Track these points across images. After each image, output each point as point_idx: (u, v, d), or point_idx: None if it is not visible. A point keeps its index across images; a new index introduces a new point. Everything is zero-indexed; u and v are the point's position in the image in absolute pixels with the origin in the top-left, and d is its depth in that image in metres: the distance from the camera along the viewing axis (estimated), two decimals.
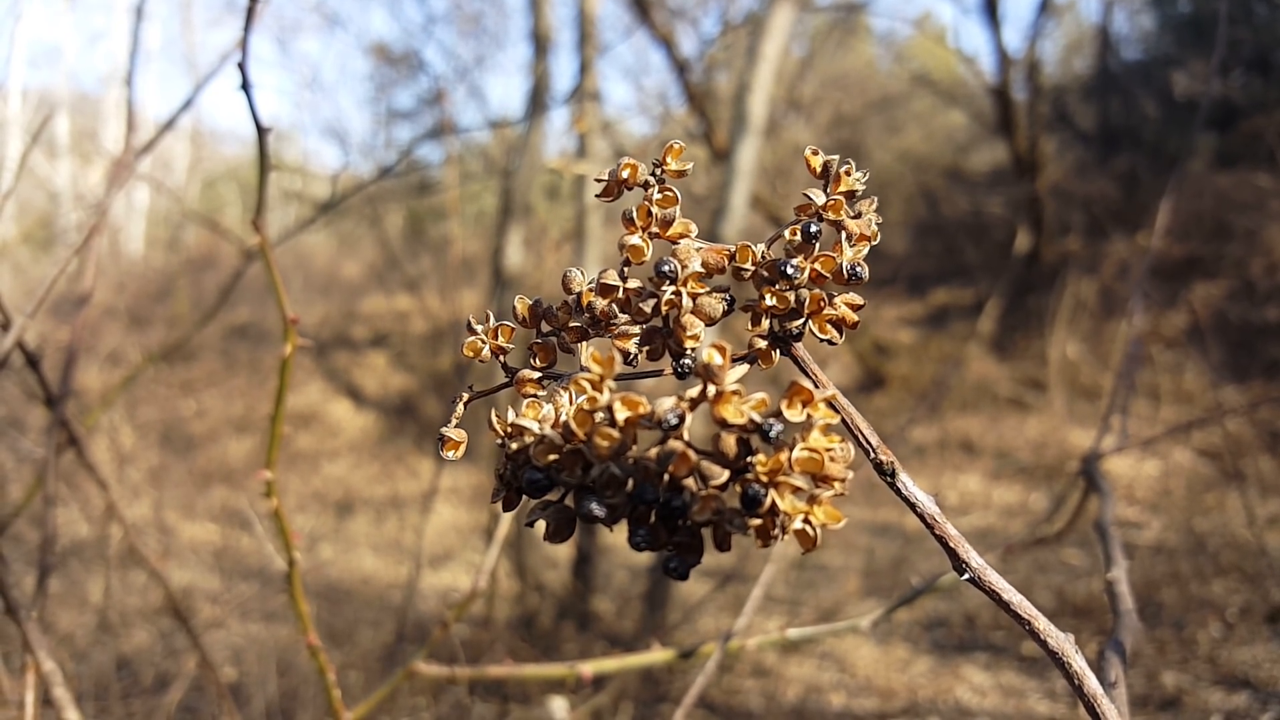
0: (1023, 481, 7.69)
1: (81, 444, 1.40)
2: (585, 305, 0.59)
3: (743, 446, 0.50)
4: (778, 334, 0.58)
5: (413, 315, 12.59)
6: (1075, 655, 0.56)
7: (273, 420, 1.27)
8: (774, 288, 0.57)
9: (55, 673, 0.86)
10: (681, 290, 0.57)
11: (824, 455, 0.50)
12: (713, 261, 0.58)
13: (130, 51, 1.47)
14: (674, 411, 0.49)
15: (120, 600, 4.96)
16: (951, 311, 11.57)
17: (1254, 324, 8.70)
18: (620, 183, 0.60)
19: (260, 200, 1.25)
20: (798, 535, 0.50)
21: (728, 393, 0.49)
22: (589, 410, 0.51)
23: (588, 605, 5.48)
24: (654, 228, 0.59)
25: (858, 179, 0.60)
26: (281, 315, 1.17)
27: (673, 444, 0.49)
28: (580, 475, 0.51)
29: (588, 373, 0.51)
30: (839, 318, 0.58)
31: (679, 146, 0.60)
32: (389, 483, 9.15)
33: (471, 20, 11.27)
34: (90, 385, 8.51)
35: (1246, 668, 4.22)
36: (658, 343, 0.58)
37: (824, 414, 0.50)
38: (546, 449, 0.51)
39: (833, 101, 12.40)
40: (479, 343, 0.61)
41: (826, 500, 0.50)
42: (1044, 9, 11.48)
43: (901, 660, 4.92)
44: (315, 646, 1.29)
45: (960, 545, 0.56)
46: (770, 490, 0.49)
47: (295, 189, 11.69)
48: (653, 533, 0.50)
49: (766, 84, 5.53)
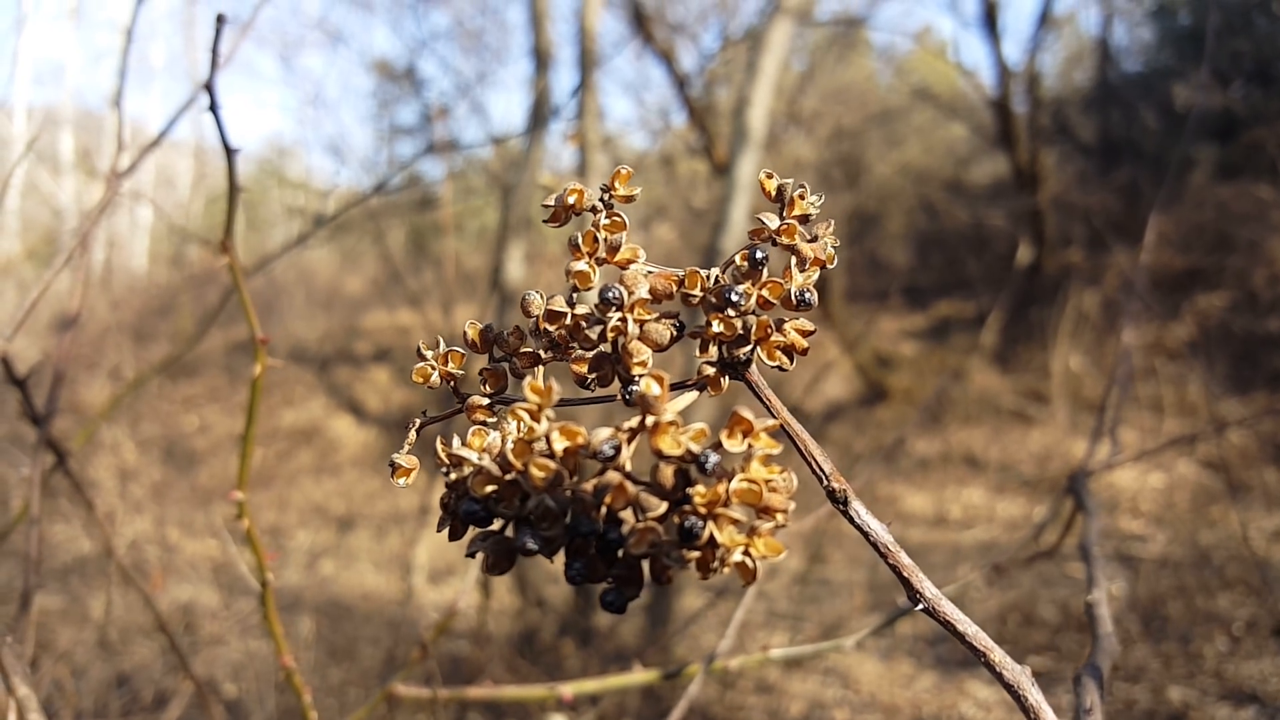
0: (1026, 495, 7.66)
1: (68, 463, 1.39)
2: (541, 330, 0.58)
3: (681, 478, 0.49)
4: (726, 360, 0.57)
5: (414, 330, 12.59)
6: (1031, 688, 0.56)
7: (243, 440, 1.26)
8: (721, 314, 0.56)
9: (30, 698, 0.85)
10: (628, 316, 0.56)
11: (764, 486, 0.49)
12: (661, 287, 0.58)
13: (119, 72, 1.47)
14: (610, 442, 0.48)
15: (120, 617, 4.94)
16: (953, 324, 11.56)
17: (1256, 335, 8.68)
18: (567, 208, 0.60)
19: (229, 221, 1.24)
20: (737, 568, 0.49)
21: (664, 423, 0.48)
22: (527, 440, 0.50)
23: (589, 621, 5.46)
24: (601, 253, 0.58)
25: (812, 202, 0.59)
26: (251, 336, 1.16)
27: (610, 475, 0.49)
28: (518, 506, 0.50)
29: (527, 402, 0.51)
30: (788, 344, 0.57)
31: (627, 172, 0.59)
32: (390, 498, 9.14)
33: (473, 37, 11.31)
34: (93, 401, 8.52)
35: (1253, 682, 4.19)
36: (606, 369, 0.58)
37: (765, 444, 0.49)
38: (484, 480, 0.50)
39: (833, 115, 12.42)
40: (428, 369, 0.61)
41: (766, 532, 0.49)
42: (1044, 22, 11.51)
43: (905, 676, 4.89)
44: (290, 669, 1.28)
45: (914, 575, 0.55)
46: (709, 522, 0.48)
47: (297, 205, 11.71)
48: (590, 565, 0.50)
49: (766, 98, 5.54)
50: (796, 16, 5.96)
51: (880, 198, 13.41)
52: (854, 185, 12.48)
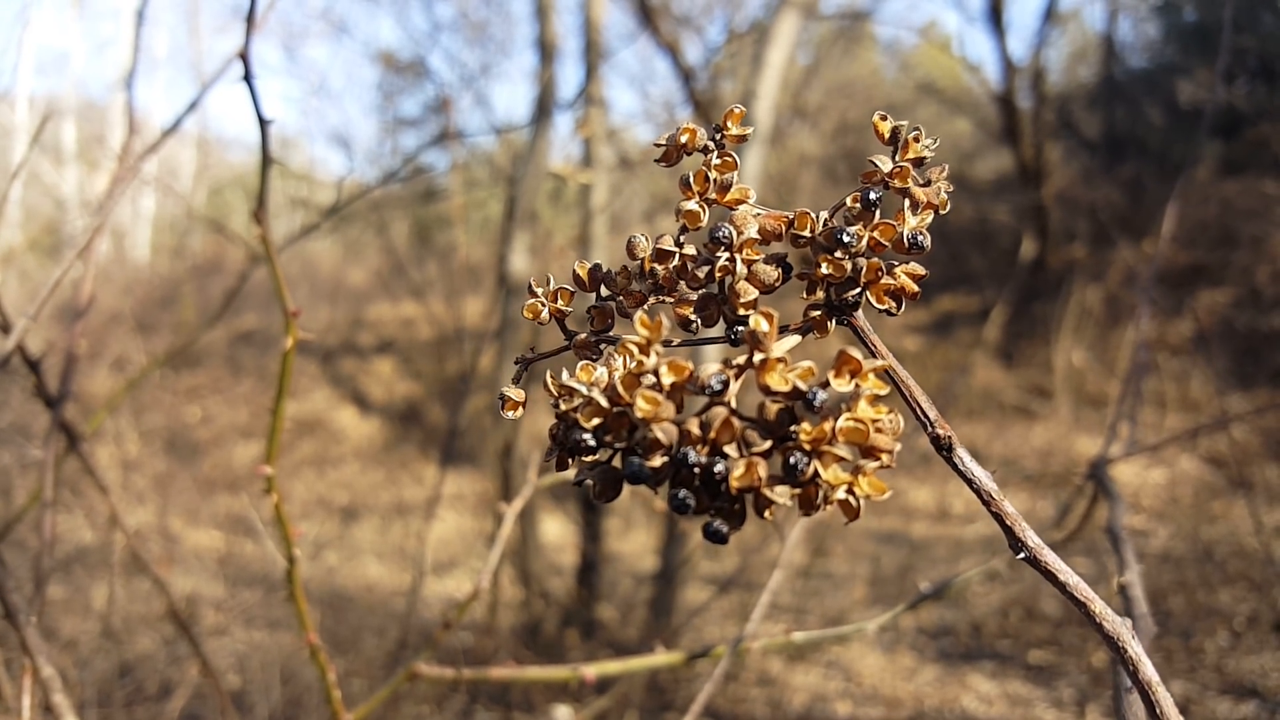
0: (1029, 489, 7.67)
1: (82, 447, 1.40)
2: (647, 271, 0.58)
3: (787, 415, 0.49)
4: (834, 303, 0.57)
5: (419, 322, 12.60)
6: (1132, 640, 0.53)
7: (273, 415, 1.26)
8: (831, 256, 0.56)
9: (54, 678, 0.85)
10: (736, 257, 0.56)
11: (870, 426, 0.49)
12: (770, 228, 0.57)
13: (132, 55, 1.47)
14: (718, 377, 0.49)
15: (124, 607, 4.95)
16: (957, 319, 11.55)
17: (1260, 331, 8.67)
18: (679, 147, 0.60)
19: (262, 192, 1.24)
20: (841, 505, 0.50)
21: (772, 360, 0.49)
22: (636, 374, 0.51)
23: (592, 613, 5.47)
24: (711, 193, 0.58)
25: (926, 145, 0.58)
26: (282, 309, 1.16)
27: (716, 410, 0.49)
28: (626, 437, 0.51)
29: (636, 336, 0.51)
30: (898, 287, 0.57)
31: (740, 110, 0.59)
32: (394, 489, 9.15)
33: (478, 28, 11.29)
34: (97, 391, 8.52)
35: (1254, 676, 4.20)
36: (713, 309, 0.57)
37: (873, 384, 0.50)
38: (593, 411, 0.51)
39: (838, 109, 12.41)
40: (539, 305, 0.61)
41: (871, 471, 0.50)
42: (1049, 17, 11.49)
43: (908, 669, 4.90)
44: (315, 645, 1.29)
45: (1017, 524, 0.54)
46: (813, 459, 0.49)
47: (301, 196, 11.71)
48: (694, 496, 0.50)
49: (772, 92, 5.53)
50: (802, 10, 5.95)
51: None
52: (858, 179, 12.45)
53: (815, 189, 11.84)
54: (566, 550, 6.80)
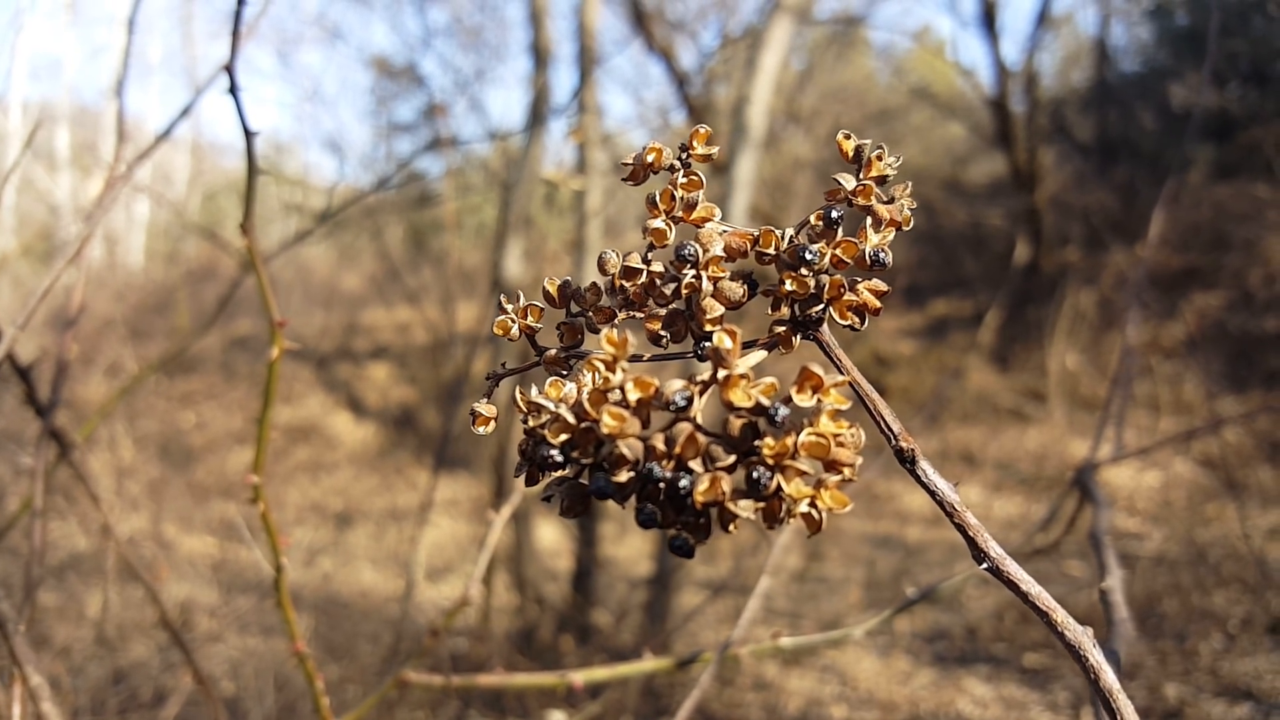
0: (1023, 493, 7.68)
1: (73, 455, 1.40)
2: (617, 287, 0.59)
3: (750, 430, 0.50)
4: (799, 319, 0.58)
5: (413, 327, 12.59)
6: (1093, 649, 0.55)
7: (260, 424, 1.26)
8: (795, 273, 0.57)
9: (42, 686, 0.85)
10: (702, 274, 0.57)
11: (831, 440, 0.50)
12: (735, 245, 0.58)
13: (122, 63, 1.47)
14: (683, 393, 0.50)
15: (117, 614, 4.94)
16: (951, 323, 11.57)
17: (1253, 334, 8.70)
18: (645, 166, 0.61)
19: (249, 204, 1.24)
20: (804, 519, 0.51)
21: (736, 376, 0.50)
22: (602, 390, 0.52)
23: (587, 618, 5.46)
24: (677, 211, 0.59)
25: (890, 164, 0.59)
26: (268, 318, 1.16)
27: (681, 425, 0.51)
28: (593, 453, 0.52)
29: (603, 353, 0.53)
30: (861, 303, 0.58)
31: (705, 130, 0.60)
32: (389, 495, 9.14)
33: (472, 34, 11.30)
34: (90, 397, 8.51)
35: (1248, 679, 4.20)
36: (680, 325, 0.59)
37: (834, 399, 0.51)
38: (561, 427, 0.52)
39: (832, 114, 12.43)
40: (508, 321, 0.62)
41: (833, 485, 0.51)
42: (1042, 21, 11.52)
43: (903, 673, 4.90)
44: (303, 654, 1.28)
45: (980, 534, 0.56)
46: (776, 474, 0.50)
47: (295, 201, 11.70)
48: (659, 511, 0.51)
49: (765, 96, 5.54)
50: (796, 15, 5.96)
51: None
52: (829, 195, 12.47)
53: (809, 193, 11.86)
54: (561, 556, 6.80)
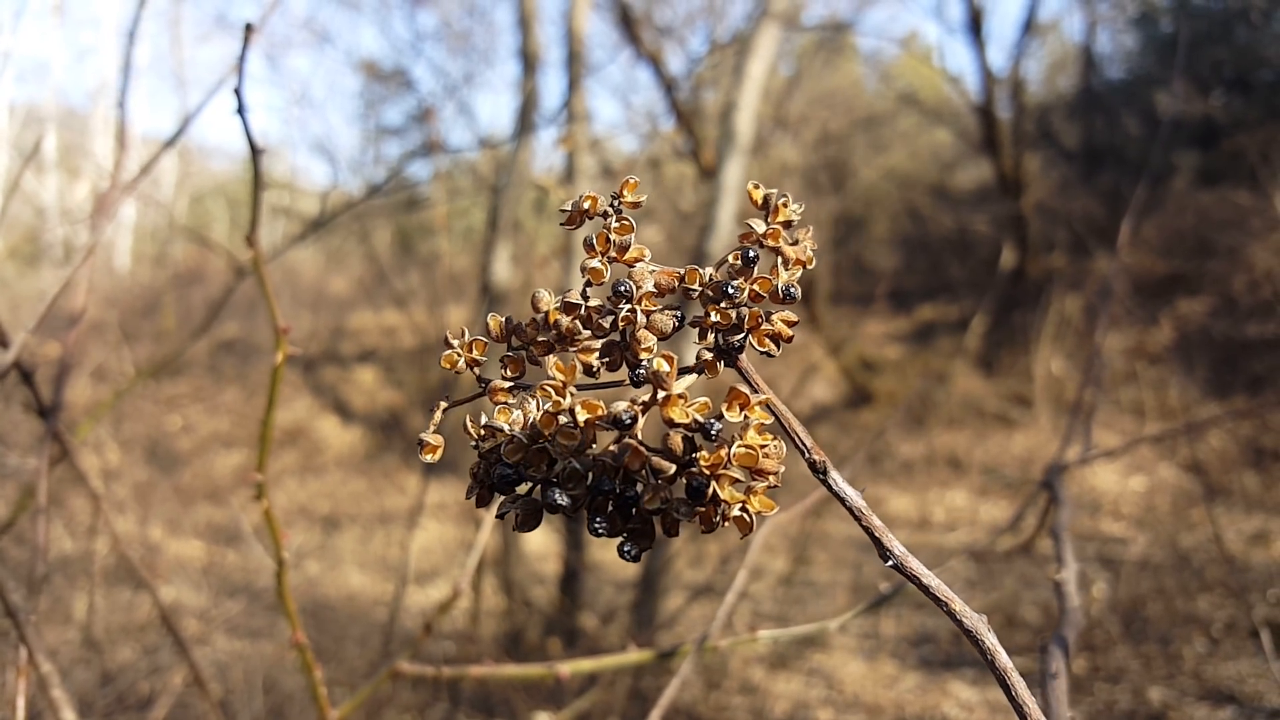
0: (1009, 497, 7.72)
1: (74, 456, 1.41)
2: (552, 322, 0.64)
3: (688, 444, 0.58)
4: (722, 347, 0.63)
5: (401, 330, 12.58)
6: (988, 633, 0.61)
7: (264, 425, 1.29)
8: (718, 306, 0.62)
9: (53, 674, 0.87)
10: (636, 308, 0.62)
11: (759, 451, 0.57)
12: (664, 282, 0.64)
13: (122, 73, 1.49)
14: (627, 413, 0.57)
15: (104, 616, 4.93)
16: (937, 328, 11.63)
17: (1236, 340, 8.77)
18: (582, 213, 0.67)
19: (254, 216, 1.28)
20: (736, 521, 0.57)
21: (674, 396, 0.57)
22: (553, 413, 0.58)
23: (575, 621, 5.48)
24: (612, 252, 0.65)
25: (794, 210, 0.66)
26: (273, 325, 1.19)
27: (626, 442, 0.57)
28: (545, 470, 0.58)
29: (552, 380, 0.59)
30: (776, 332, 0.63)
31: (634, 181, 0.66)
32: (376, 499, 9.13)
33: (461, 38, 11.32)
34: (76, 399, 8.47)
35: (1232, 683, 4.24)
36: (616, 355, 0.64)
37: (759, 415, 0.58)
38: (515, 448, 0.58)
39: (819, 120, 12.48)
40: (455, 355, 0.66)
41: (761, 490, 0.57)
42: (1028, 29, 11.61)
43: (889, 676, 4.92)
44: (302, 644, 1.30)
45: (884, 535, 0.61)
46: (712, 482, 0.56)
47: (283, 205, 11.69)
48: (609, 520, 0.58)
49: (753, 102, 5.57)
50: (783, 21, 5.99)
51: (865, 202, 13.48)
52: (840, 190, 12.54)
53: (797, 199, 11.85)
54: (549, 559, 6.80)
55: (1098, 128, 12.30)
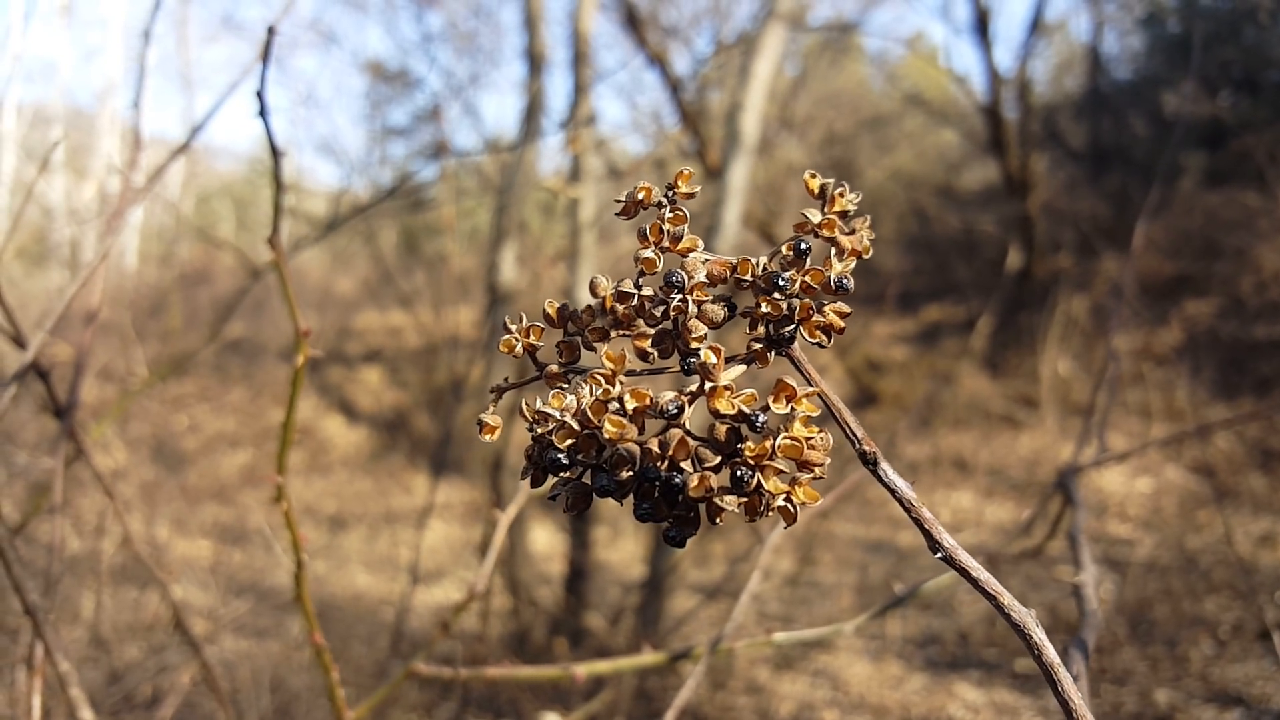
0: (1015, 499, 7.71)
1: (89, 456, 1.42)
2: (608, 309, 0.65)
3: (734, 434, 0.59)
4: (772, 338, 0.64)
5: (406, 331, 12.59)
6: (1036, 628, 0.61)
7: (284, 427, 1.30)
8: (769, 297, 0.63)
9: (71, 673, 0.88)
10: (688, 298, 0.63)
11: (804, 443, 0.58)
12: (716, 273, 0.64)
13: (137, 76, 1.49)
14: (674, 403, 0.58)
15: (112, 615, 4.94)
16: (944, 328, 11.61)
17: (1243, 342, 8.75)
18: (637, 203, 0.67)
19: (276, 218, 1.29)
20: (780, 511, 0.58)
21: (721, 388, 0.58)
22: (603, 400, 0.59)
23: (581, 621, 5.48)
24: (665, 243, 0.66)
25: (851, 200, 0.66)
26: (295, 327, 1.20)
27: (673, 431, 0.59)
28: (595, 456, 0.60)
29: (603, 368, 0.60)
30: (827, 324, 0.64)
31: (689, 172, 0.66)
32: (381, 499, 9.14)
33: (467, 38, 11.32)
34: (84, 399, 8.48)
35: (1239, 685, 4.23)
36: (668, 344, 0.64)
37: (806, 407, 0.59)
38: (566, 433, 0.59)
39: (825, 120, 12.47)
40: (513, 340, 0.67)
41: (806, 482, 0.58)
42: (1035, 29, 11.58)
43: (895, 677, 4.92)
44: (321, 646, 1.31)
45: (934, 527, 0.61)
46: (757, 472, 0.57)
47: (290, 205, 11.69)
48: (655, 506, 0.59)
49: (759, 103, 5.57)
50: (789, 21, 5.99)
51: (872, 203, 13.44)
52: None
53: (803, 199, 11.86)
54: (555, 559, 6.81)
55: (1104, 128, 12.28)
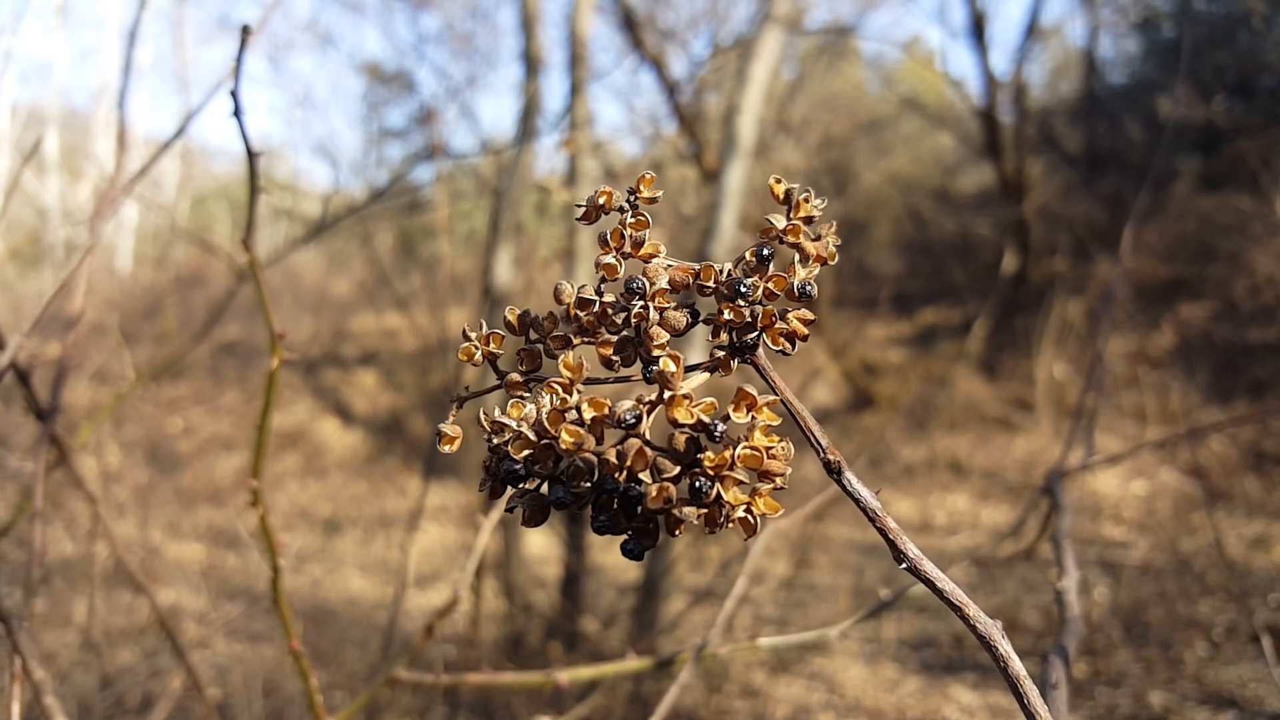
0: (1010, 501, 7.71)
1: (71, 459, 1.41)
2: (572, 316, 0.64)
3: (693, 444, 0.57)
4: (736, 345, 0.63)
5: (402, 333, 12.58)
6: (1001, 639, 0.60)
7: (259, 431, 1.29)
8: (732, 304, 0.61)
9: (46, 681, 0.87)
10: (649, 305, 0.62)
11: (764, 453, 0.57)
12: (679, 279, 0.63)
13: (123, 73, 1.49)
14: (632, 412, 0.57)
15: (104, 619, 4.92)
16: (939, 332, 11.62)
17: (1238, 345, 8.77)
18: (598, 208, 0.66)
19: (250, 221, 1.28)
20: (740, 523, 0.57)
21: (679, 396, 0.57)
22: (561, 410, 0.58)
23: (575, 625, 5.46)
24: (627, 248, 0.65)
25: (816, 205, 0.65)
26: (269, 331, 1.19)
27: (631, 441, 0.57)
28: (552, 467, 0.58)
29: (560, 378, 0.59)
30: (790, 331, 0.62)
31: (650, 176, 0.65)
32: (377, 502, 9.12)
33: (463, 40, 11.32)
34: (77, 402, 8.47)
35: (1232, 687, 4.23)
36: (630, 351, 0.63)
37: (766, 416, 0.57)
38: (522, 444, 0.58)
39: (822, 123, 12.48)
40: (473, 348, 0.66)
41: (766, 493, 0.57)
42: (1030, 33, 11.60)
43: (890, 680, 4.92)
44: (298, 652, 1.30)
45: (899, 537, 0.60)
46: (716, 483, 0.56)
47: (285, 207, 11.68)
48: (613, 518, 0.58)
49: (756, 106, 5.57)
50: (786, 25, 6.00)
51: (868, 206, 13.48)
52: (842, 193, 12.54)
53: None
54: (550, 563, 6.79)
55: (1100, 132, 12.30)
